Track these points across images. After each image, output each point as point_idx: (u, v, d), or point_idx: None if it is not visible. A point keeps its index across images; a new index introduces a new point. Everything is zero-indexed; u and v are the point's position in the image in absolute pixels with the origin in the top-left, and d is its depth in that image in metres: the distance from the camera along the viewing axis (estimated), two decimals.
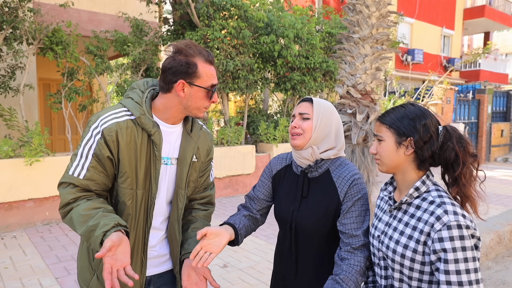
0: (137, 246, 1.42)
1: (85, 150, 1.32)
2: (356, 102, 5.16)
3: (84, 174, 1.31)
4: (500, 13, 21.02)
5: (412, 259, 1.24)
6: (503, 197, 6.97)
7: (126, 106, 1.38)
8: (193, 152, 1.51)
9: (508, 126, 13.44)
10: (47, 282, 3.42)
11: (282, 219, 1.61)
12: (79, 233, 1.25)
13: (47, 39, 5.45)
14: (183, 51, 1.36)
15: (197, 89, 1.39)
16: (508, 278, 4.03)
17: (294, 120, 1.56)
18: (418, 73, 16.70)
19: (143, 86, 1.46)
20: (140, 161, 1.38)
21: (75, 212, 1.27)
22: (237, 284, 3.45)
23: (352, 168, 1.54)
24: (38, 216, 4.96)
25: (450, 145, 1.26)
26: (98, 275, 1.42)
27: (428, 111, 1.32)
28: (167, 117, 1.44)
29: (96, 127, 1.33)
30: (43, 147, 4.90)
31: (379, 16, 5.15)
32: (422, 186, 1.29)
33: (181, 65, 1.35)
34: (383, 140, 1.33)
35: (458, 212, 1.19)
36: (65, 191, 1.31)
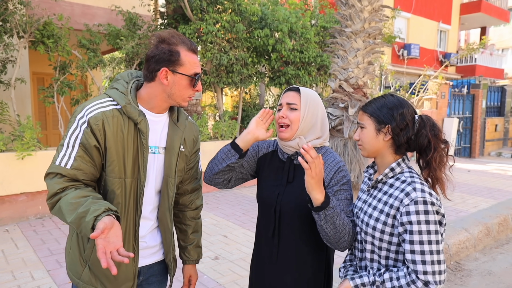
0: (128, 234, 1.44)
1: (71, 140, 1.33)
2: (348, 96, 5.18)
3: (71, 163, 1.31)
4: (497, 8, 21.02)
5: (382, 231, 1.37)
6: (493, 190, 7.03)
7: (111, 96, 1.40)
8: (180, 142, 1.54)
9: (502, 120, 13.51)
10: (38, 274, 3.44)
11: (267, 202, 1.64)
12: (68, 221, 1.25)
13: (38, 32, 5.42)
14: (166, 40, 1.39)
15: (180, 77, 1.41)
16: (494, 268, 4.09)
17: (282, 110, 1.57)
18: (414, 68, 16.72)
19: (128, 77, 1.48)
20: (128, 150, 1.39)
21: (63, 201, 1.27)
22: (228, 275, 3.48)
23: (336, 156, 1.61)
24: (30, 210, 4.97)
25: (424, 132, 1.39)
26: (90, 266, 1.42)
27: (405, 101, 1.45)
28: (152, 106, 1.46)
29: (81, 116, 1.34)
30: (35, 141, 4.90)
31: (371, 10, 5.16)
32: (397, 168, 1.43)
33: (164, 53, 1.38)
34: (364, 127, 1.46)
35: (425, 190, 1.32)
36: (52, 181, 1.31)
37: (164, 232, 1.57)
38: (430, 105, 11.06)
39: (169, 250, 1.60)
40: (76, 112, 1.38)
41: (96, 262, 1.41)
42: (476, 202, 6.11)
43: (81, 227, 1.22)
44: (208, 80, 7.22)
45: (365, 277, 1.37)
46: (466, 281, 3.80)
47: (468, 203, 6.06)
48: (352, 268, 1.55)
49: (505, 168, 9.71)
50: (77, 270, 1.44)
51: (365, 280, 1.36)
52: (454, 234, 4.50)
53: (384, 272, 1.35)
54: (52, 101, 5.78)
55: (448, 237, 4.40)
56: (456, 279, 3.84)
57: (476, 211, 5.51)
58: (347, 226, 1.44)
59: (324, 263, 1.62)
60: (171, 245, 1.59)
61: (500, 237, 5.06)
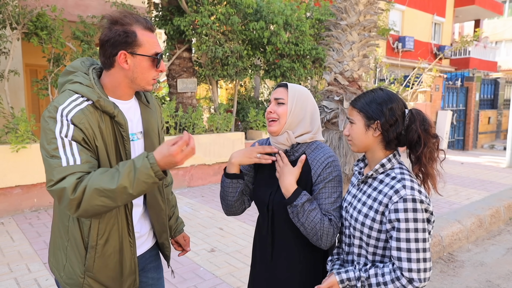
0: (122, 229, 1.40)
1: (65, 140, 1.23)
2: (343, 89, 5.19)
3: (80, 159, 1.22)
4: (491, 0, 21.07)
5: (370, 227, 1.37)
6: (486, 182, 7.12)
7: (79, 92, 1.29)
8: (157, 123, 1.52)
9: (495, 113, 13.63)
10: (35, 267, 3.45)
11: (260, 201, 1.66)
12: (114, 188, 1.17)
13: (31, 24, 5.36)
14: (119, 20, 1.29)
15: (141, 59, 1.32)
16: (486, 259, 4.17)
17: (270, 105, 1.60)
18: (408, 61, 16.76)
19: (82, 66, 1.38)
20: (109, 144, 1.33)
21: (93, 181, 1.18)
22: (224, 267, 3.52)
23: (327, 151, 1.59)
24: (26, 203, 4.96)
25: (414, 127, 1.37)
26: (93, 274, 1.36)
27: (395, 96, 1.42)
28: (119, 95, 1.39)
29: (61, 116, 1.24)
30: (29, 133, 4.87)
31: (366, 3, 5.15)
32: (387, 163, 1.41)
33: (119, 35, 1.28)
34: (354, 123, 1.44)
35: (415, 187, 1.32)
36: (65, 181, 1.18)
37: (156, 215, 1.55)
38: (424, 98, 11.12)
39: (164, 229, 1.59)
40: (49, 114, 1.25)
41: (101, 268, 1.37)
42: (469, 194, 6.19)
43: (136, 179, 1.18)
44: (203, 73, 7.19)
45: (350, 272, 1.38)
46: (458, 272, 3.87)
47: (461, 195, 6.14)
48: (339, 262, 1.55)
49: (497, 160, 9.82)
50: (77, 283, 1.37)
51: (351, 275, 1.37)
52: (447, 225, 4.57)
53: (370, 268, 1.35)
54: (46, 93, 5.74)
55: (441, 228, 4.46)
56: (449, 270, 3.91)
57: (469, 203, 5.59)
58: (317, 224, 1.44)
59: (321, 262, 1.63)
60: (165, 224, 1.60)
61: (492, 228, 5.14)
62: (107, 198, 1.18)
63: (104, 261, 1.37)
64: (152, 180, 1.21)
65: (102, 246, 1.35)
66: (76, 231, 1.34)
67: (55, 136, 1.23)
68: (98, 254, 1.35)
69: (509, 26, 26.81)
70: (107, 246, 1.36)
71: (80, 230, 1.34)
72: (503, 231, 5.12)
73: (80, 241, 1.34)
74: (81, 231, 1.34)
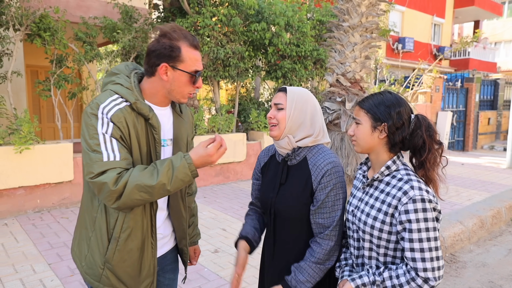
0: (147, 230, 1.45)
1: (106, 136, 1.31)
2: (345, 91, 5.22)
3: (119, 155, 1.31)
4: (490, 1, 21.12)
5: (380, 229, 1.38)
6: (487, 183, 7.15)
7: (118, 93, 1.37)
8: (187, 132, 1.57)
9: (495, 114, 13.67)
10: (40, 267, 3.46)
11: (264, 205, 1.69)
12: (154, 184, 1.27)
13: (34, 25, 5.37)
14: (168, 34, 1.37)
15: (180, 73, 1.39)
16: (488, 260, 4.19)
17: (270, 111, 1.62)
18: (408, 62, 16.80)
19: (126, 70, 1.46)
20: (141, 145, 1.41)
21: (134, 177, 1.27)
22: (228, 268, 3.53)
23: (328, 156, 1.56)
24: (29, 204, 4.97)
25: (419, 132, 1.39)
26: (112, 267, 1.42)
27: (403, 100, 1.43)
28: (155, 101, 1.46)
29: (102, 114, 1.32)
30: (32, 134, 4.88)
31: (368, 4, 5.18)
32: (392, 165, 1.43)
33: (165, 48, 1.36)
34: (360, 123, 1.45)
35: (422, 188, 1.34)
36: (105, 175, 1.27)
37: (177, 220, 1.61)
38: (424, 99, 11.15)
39: (183, 236, 1.65)
40: (91, 111, 1.34)
41: (119, 262, 1.42)
42: (470, 195, 6.21)
43: (174, 176, 1.29)
44: (205, 74, 7.21)
45: (365, 277, 1.38)
46: (461, 273, 3.89)
47: (462, 196, 6.16)
48: (347, 267, 1.54)
49: (497, 161, 9.85)
50: (96, 273, 1.43)
51: (365, 280, 1.37)
52: (449, 226, 4.59)
53: (384, 271, 1.36)
54: (49, 94, 5.75)
55: (443, 229, 4.48)
56: (451, 271, 3.92)
57: (470, 204, 5.61)
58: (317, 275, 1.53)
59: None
60: (185, 231, 1.65)
61: (494, 229, 5.17)
62: (146, 194, 1.28)
63: (123, 255, 1.42)
64: (189, 179, 1.31)
65: (124, 240, 1.41)
66: (102, 223, 1.41)
67: (97, 132, 1.31)
68: (119, 247, 1.41)
69: (508, 27, 26.88)
70: (128, 241, 1.41)
71: (107, 222, 1.41)
72: (504, 232, 5.14)
73: (105, 232, 1.41)
74: (107, 223, 1.40)
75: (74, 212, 5.08)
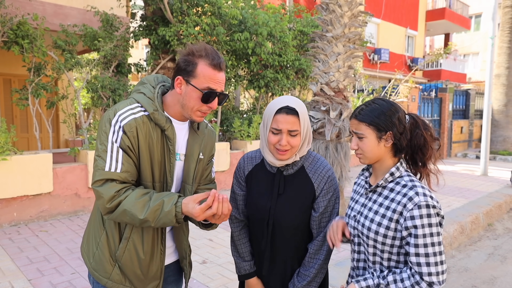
0: (157, 237, 1.49)
1: (114, 145, 1.35)
2: (329, 100, 5.29)
3: (121, 167, 1.35)
4: (459, 15, 22.10)
5: (384, 235, 1.40)
6: (464, 190, 7.37)
7: (140, 102, 1.42)
8: (199, 149, 1.56)
9: (467, 123, 14.18)
10: (19, 284, 3.30)
11: (258, 216, 1.62)
12: (140, 218, 1.32)
13: (12, 32, 5.20)
14: (191, 51, 1.41)
15: (192, 89, 1.40)
16: (470, 265, 4.30)
17: (283, 138, 1.48)
18: (384, 72, 17.26)
19: (154, 81, 1.50)
20: (154, 156, 1.43)
21: (127, 202, 1.32)
22: (217, 279, 3.47)
23: (325, 162, 1.63)
24: (5, 217, 4.75)
25: (419, 132, 1.43)
26: (121, 265, 1.46)
27: (397, 104, 1.47)
28: (174, 114, 1.48)
29: (116, 121, 1.36)
30: (9, 145, 4.70)
31: (351, 15, 5.31)
32: (396, 172, 1.44)
33: (183, 62, 1.41)
34: (364, 137, 1.43)
35: (427, 194, 1.36)
36: (105, 187, 1.33)
37: (177, 237, 1.59)
38: None
39: (183, 255, 1.62)
40: (108, 117, 1.39)
41: (128, 262, 1.46)
42: (449, 201, 6.39)
43: (159, 218, 1.32)
44: None
45: (369, 280, 1.41)
46: None
47: (442, 202, 6.32)
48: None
49: (472, 168, 10.20)
50: (106, 270, 1.47)
51: (370, 282, 1.40)
52: None
53: (388, 275, 1.38)
54: (27, 103, 5.55)
55: None
56: None
57: (450, 210, 5.77)
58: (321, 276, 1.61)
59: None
60: (186, 250, 1.62)
61: (473, 234, 5.32)
62: (132, 221, 1.35)
63: (132, 256, 1.46)
64: (172, 224, 1.35)
65: (133, 241, 1.46)
66: (113, 224, 1.46)
67: (107, 139, 1.37)
68: (129, 246, 1.45)
69: (475, 40, 28.16)
70: (138, 243, 1.46)
71: (118, 223, 1.46)
72: (482, 237, 5.31)
73: (117, 233, 1.46)
74: (119, 224, 1.46)
75: (53, 225, 4.90)
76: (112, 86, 6.04)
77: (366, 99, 10.94)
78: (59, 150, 7.60)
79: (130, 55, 6.77)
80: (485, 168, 9.12)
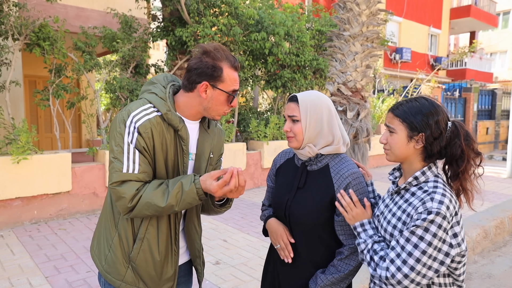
0: (170, 237, 1.49)
1: (130, 146, 1.36)
2: (346, 100, 5.20)
3: (138, 168, 1.36)
4: (485, 13, 21.39)
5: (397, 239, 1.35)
6: (488, 193, 7.11)
7: (152, 102, 1.42)
8: (210, 148, 1.57)
9: (493, 124, 13.71)
10: (36, 281, 3.36)
11: (278, 207, 1.66)
12: (163, 206, 1.33)
13: (34, 35, 5.34)
14: (211, 53, 1.41)
15: (219, 93, 1.43)
16: (494, 271, 4.12)
17: (286, 124, 1.59)
18: (406, 72, 16.89)
19: (164, 81, 1.50)
20: (169, 156, 1.44)
21: (146, 195, 1.34)
22: (230, 280, 3.45)
23: (352, 166, 1.55)
24: (26, 215, 4.88)
25: (458, 142, 1.32)
26: (135, 266, 1.46)
27: (440, 107, 1.36)
28: (187, 114, 1.49)
29: (130, 123, 1.37)
30: (30, 144, 4.81)
31: (369, 14, 5.20)
32: (421, 177, 1.37)
33: (208, 68, 1.40)
34: (395, 132, 1.38)
35: (444, 202, 1.27)
36: (126, 186, 1.34)
37: (189, 237, 1.60)
38: None
39: (196, 254, 1.62)
40: (122, 118, 1.39)
41: (142, 262, 1.46)
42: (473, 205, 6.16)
43: (182, 199, 1.34)
44: None
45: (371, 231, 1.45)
46: (467, 285, 3.82)
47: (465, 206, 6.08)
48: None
49: (497, 170, 9.83)
50: (119, 272, 1.47)
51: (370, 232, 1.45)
52: None
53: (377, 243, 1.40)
54: (48, 104, 5.69)
55: None
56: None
57: (473, 214, 5.56)
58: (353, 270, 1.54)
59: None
60: (198, 249, 1.63)
61: (498, 239, 5.11)
62: (155, 212, 1.36)
63: (147, 256, 1.46)
64: (196, 202, 1.37)
65: (148, 241, 1.46)
66: (127, 225, 1.46)
67: (123, 140, 1.37)
68: (143, 247, 1.45)
69: (503, 38, 27.20)
70: (153, 243, 1.46)
71: (132, 223, 1.47)
72: (508, 242, 5.09)
73: (130, 233, 1.46)
74: (133, 225, 1.47)
75: (72, 224, 4.99)
76: (130, 87, 6.13)
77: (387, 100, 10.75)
78: (79, 150, 7.76)
79: (148, 56, 6.85)
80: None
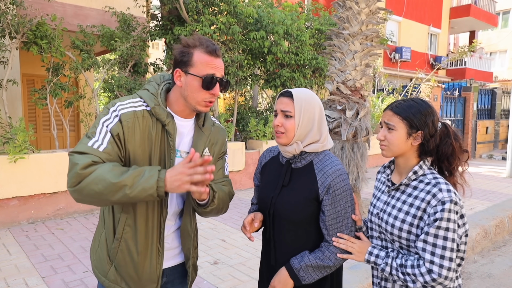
0: (152, 235, 1.44)
1: (104, 127, 1.33)
2: (346, 99, 5.16)
3: (104, 147, 1.31)
4: (485, 12, 21.35)
5: (408, 231, 1.43)
6: (488, 192, 7.08)
7: (142, 97, 1.42)
8: (204, 146, 1.52)
9: (493, 123, 13.68)
10: (33, 281, 3.34)
11: (262, 205, 1.66)
12: (114, 182, 1.21)
13: (31, 33, 5.30)
14: (182, 40, 1.41)
15: (192, 78, 1.39)
16: (493, 271, 4.10)
17: (277, 118, 1.56)
18: (405, 71, 16.86)
19: (159, 79, 1.50)
20: (154, 151, 1.40)
21: (100, 171, 1.23)
22: (228, 280, 3.42)
23: (335, 162, 1.55)
24: (23, 215, 4.85)
25: (449, 141, 1.46)
26: (116, 266, 1.45)
27: (434, 109, 1.50)
28: (177, 110, 1.46)
29: (114, 110, 1.36)
30: (27, 144, 4.78)
31: (368, 12, 5.16)
32: (419, 170, 1.47)
33: (178, 54, 1.40)
34: (394, 129, 1.46)
35: (451, 189, 1.39)
36: (83, 156, 1.26)
37: (183, 237, 1.56)
38: None
39: (189, 256, 1.58)
40: (109, 105, 1.40)
41: (121, 262, 1.44)
42: (472, 204, 6.14)
43: (139, 183, 1.23)
44: None
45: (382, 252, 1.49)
46: (466, 284, 3.79)
47: (464, 205, 6.04)
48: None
49: (497, 170, 9.81)
50: (104, 269, 1.47)
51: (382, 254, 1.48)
52: None
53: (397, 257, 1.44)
54: (45, 103, 5.66)
55: None
56: None
57: (473, 213, 5.54)
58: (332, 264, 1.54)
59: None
60: (191, 250, 1.58)
61: (497, 239, 5.08)
62: (103, 189, 1.22)
63: (125, 256, 1.43)
64: (151, 192, 1.23)
65: (126, 241, 1.42)
66: (109, 222, 1.45)
67: (99, 122, 1.35)
68: (122, 247, 1.43)
69: (503, 37, 27.16)
70: (131, 243, 1.42)
71: (113, 221, 1.44)
72: (508, 242, 5.06)
73: (111, 231, 1.45)
74: (114, 222, 1.44)
75: (69, 223, 4.96)
76: (128, 86, 6.09)
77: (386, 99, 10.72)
78: None
79: (147, 55, 6.81)
80: (511, 170, 8.75)
